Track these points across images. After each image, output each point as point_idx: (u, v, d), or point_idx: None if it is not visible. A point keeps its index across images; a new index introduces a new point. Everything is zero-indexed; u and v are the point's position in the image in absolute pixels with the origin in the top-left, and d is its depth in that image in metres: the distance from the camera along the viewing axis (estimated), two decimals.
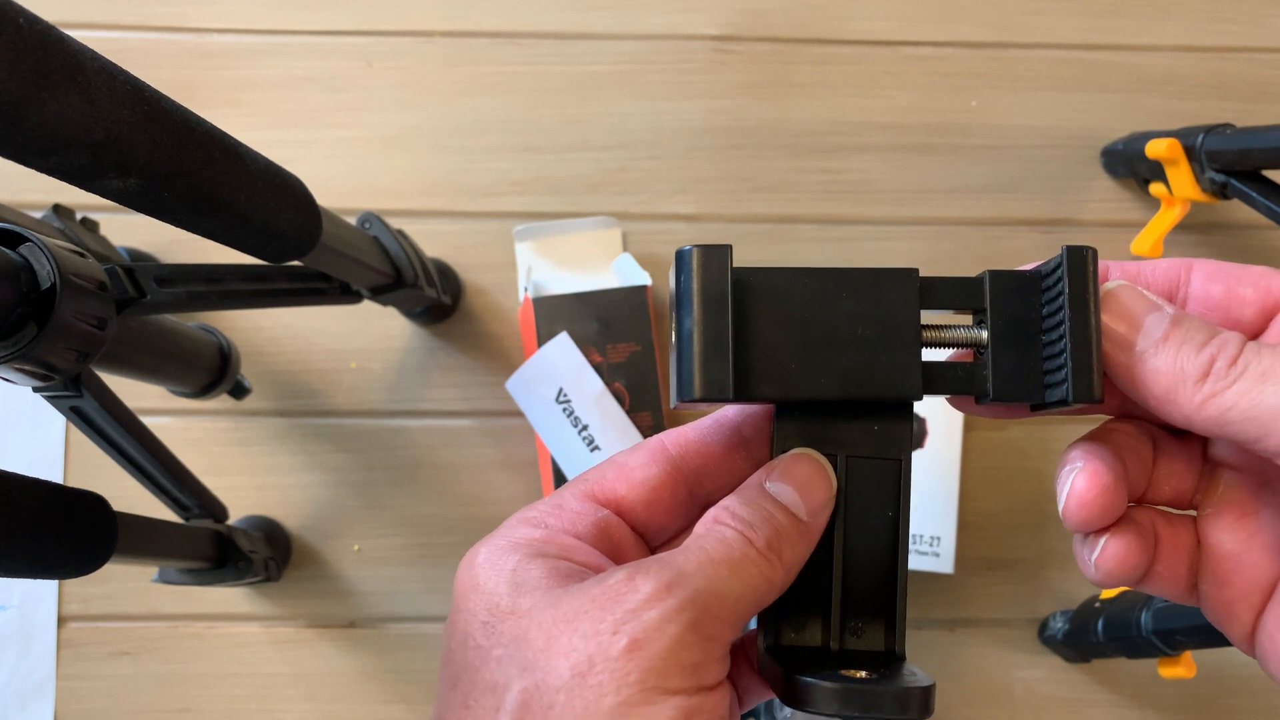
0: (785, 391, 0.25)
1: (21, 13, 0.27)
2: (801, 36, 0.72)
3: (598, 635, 0.21)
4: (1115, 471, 0.25)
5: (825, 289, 0.25)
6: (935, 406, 0.67)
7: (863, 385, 0.25)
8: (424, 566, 0.68)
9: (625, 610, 0.21)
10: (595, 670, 0.21)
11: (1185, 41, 0.73)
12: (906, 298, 0.25)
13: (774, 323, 0.25)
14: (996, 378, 0.25)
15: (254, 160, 0.39)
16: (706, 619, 0.22)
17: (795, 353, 0.25)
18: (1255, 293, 0.25)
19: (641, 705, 0.21)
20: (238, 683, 0.67)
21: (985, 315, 0.25)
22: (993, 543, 0.68)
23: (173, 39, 0.71)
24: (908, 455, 0.26)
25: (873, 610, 0.26)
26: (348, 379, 0.69)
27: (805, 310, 0.25)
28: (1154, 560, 0.26)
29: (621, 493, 0.26)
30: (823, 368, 0.25)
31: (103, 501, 0.44)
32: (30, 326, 0.37)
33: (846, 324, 0.25)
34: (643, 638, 0.21)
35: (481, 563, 0.24)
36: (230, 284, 0.48)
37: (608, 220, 0.69)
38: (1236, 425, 0.23)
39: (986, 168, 0.72)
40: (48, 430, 0.68)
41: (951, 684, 0.67)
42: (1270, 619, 0.25)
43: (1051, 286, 0.25)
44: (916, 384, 0.25)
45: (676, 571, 0.22)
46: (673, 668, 0.21)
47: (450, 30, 0.71)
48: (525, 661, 0.22)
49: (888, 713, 0.23)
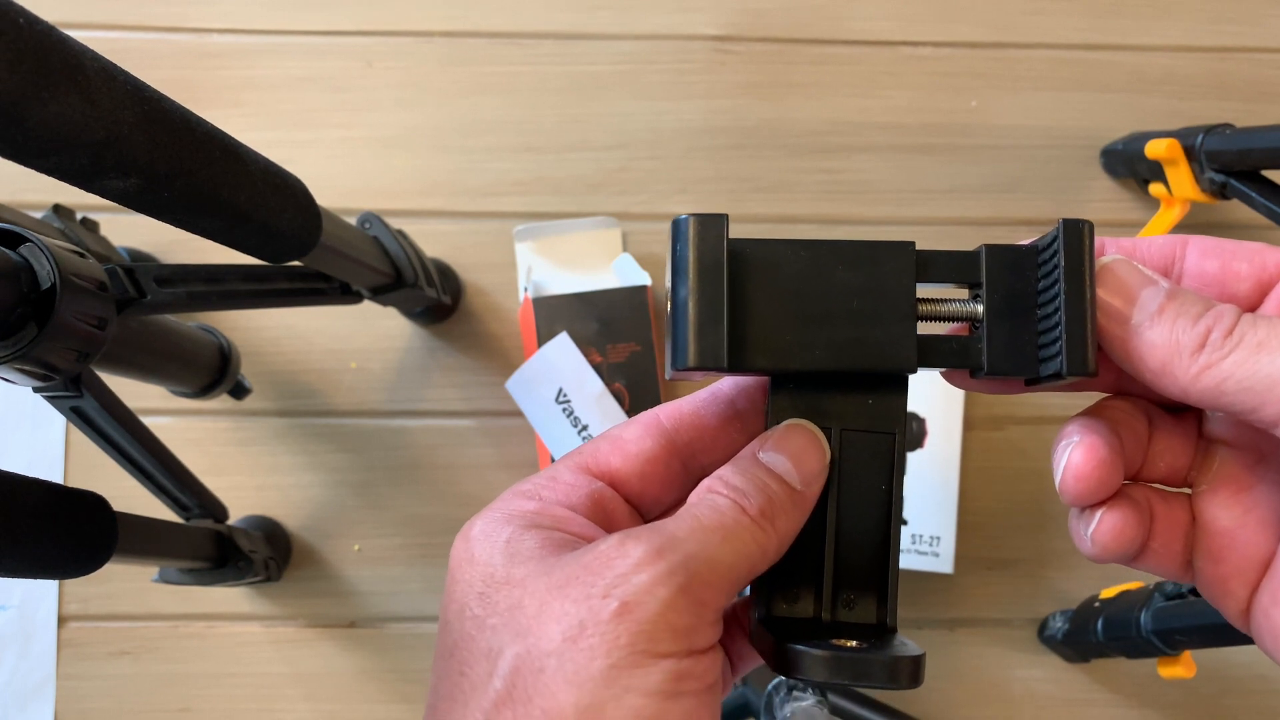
0: (779, 362, 0.25)
1: (21, 13, 0.27)
2: (801, 36, 0.72)
3: (589, 600, 0.21)
4: (1112, 445, 0.25)
5: (821, 260, 0.25)
6: (935, 406, 0.67)
7: (857, 357, 0.25)
8: (424, 566, 0.68)
9: (615, 574, 0.21)
10: (586, 634, 0.21)
11: (1185, 41, 0.73)
12: (903, 270, 0.25)
13: (769, 294, 0.25)
14: (991, 351, 0.25)
15: (254, 160, 0.39)
16: (697, 584, 0.22)
17: (790, 324, 0.25)
18: (1250, 268, 0.25)
19: (631, 668, 0.21)
20: (238, 683, 0.67)
21: (981, 289, 0.25)
22: (992, 542, 0.68)
23: (173, 39, 0.71)
24: (902, 428, 0.26)
25: (865, 583, 0.26)
26: (348, 379, 0.69)
27: (801, 282, 0.25)
28: (1149, 537, 0.26)
29: (615, 465, 0.27)
30: (817, 339, 0.25)
31: (103, 501, 0.44)
32: (30, 327, 0.37)
33: (842, 296, 0.25)
34: (633, 601, 0.21)
35: (476, 535, 0.25)
36: (230, 284, 0.48)
37: (608, 220, 0.69)
38: (1233, 396, 0.23)
39: (986, 168, 0.72)
40: (48, 430, 0.68)
41: (951, 684, 0.67)
42: (1265, 595, 0.25)
43: (1048, 260, 0.25)
44: (911, 356, 0.25)
45: (668, 537, 0.22)
46: (663, 631, 0.21)
47: (450, 30, 0.71)
48: (519, 628, 0.22)
49: (877, 681, 0.23)
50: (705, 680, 0.22)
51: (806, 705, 0.54)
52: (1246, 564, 0.25)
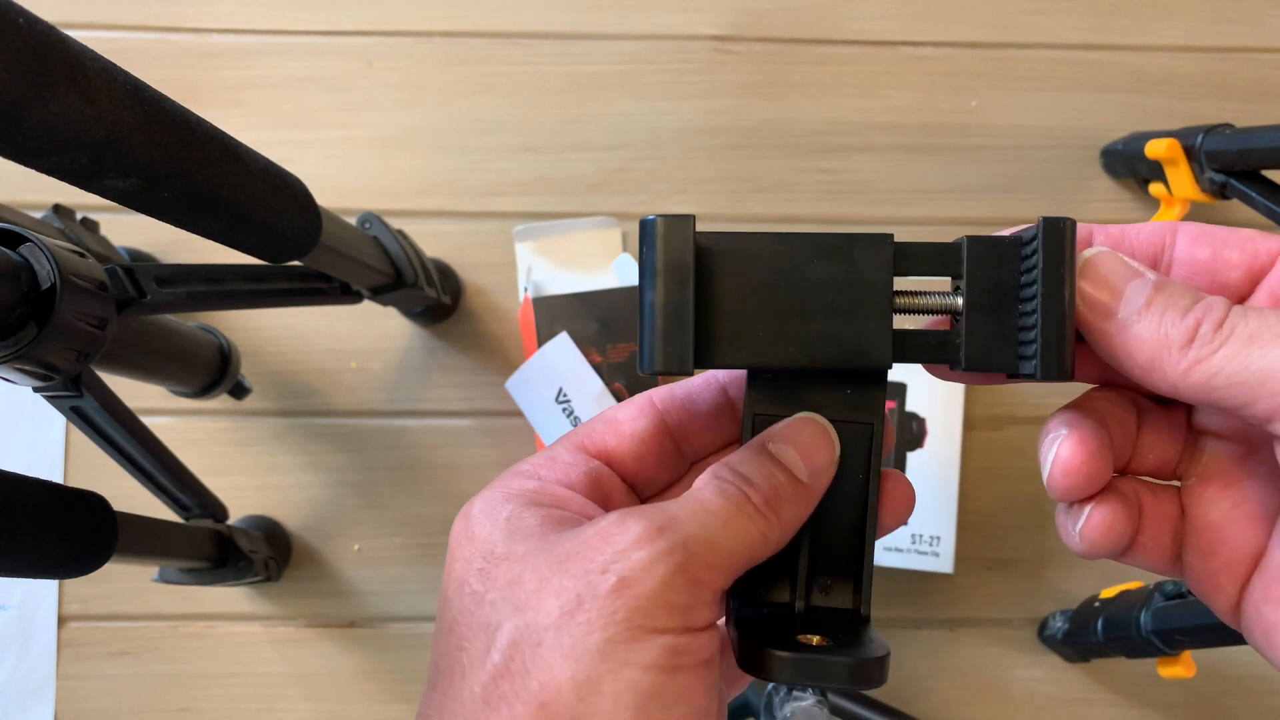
0: (751, 360, 0.25)
1: (21, 13, 0.27)
2: (801, 36, 0.72)
3: (587, 575, 0.21)
4: (1100, 439, 0.25)
5: (796, 254, 0.25)
6: (935, 406, 0.67)
7: (831, 353, 0.25)
8: (424, 566, 0.68)
9: (615, 550, 0.22)
10: (584, 608, 0.21)
11: (1185, 41, 0.73)
12: (880, 263, 0.25)
13: (742, 289, 0.24)
14: (970, 346, 0.25)
15: (254, 160, 0.39)
16: (695, 564, 0.22)
17: (763, 320, 0.25)
18: (1242, 255, 0.25)
19: (628, 643, 0.21)
20: (238, 683, 0.67)
21: (962, 282, 0.25)
22: (992, 542, 0.68)
23: (173, 39, 0.71)
24: (880, 419, 0.26)
25: (842, 570, 0.26)
26: (348, 379, 0.69)
27: (774, 276, 0.25)
28: (1138, 531, 0.26)
29: (611, 445, 0.27)
30: (790, 335, 0.25)
31: (103, 501, 0.44)
32: (30, 326, 0.37)
33: (817, 290, 0.24)
34: (631, 576, 0.21)
35: (476, 513, 0.25)
36: (230, 284, 0.48)
37: (608, 220, 0.69)
38: (1223, 391, 0.22)
39: (986, 168, 0.72)
40: (48, 430, 0.68)
41: (951, 684, 0.67)
42: (1255, 589, 0.25)
43: (1029, 256, 0.24)
44: (886, 352, 0.25)
45: (668, 516, 0.23)
46: (660, 607, 0.21)
47: (450, 30, 0.71)
48: (517, 603, 0.22)
49: (840, 683, 0.23)
50: (701, 655, 0.22)
51: (806, 705, 0.54)
52: (1236, 558, 0.25)
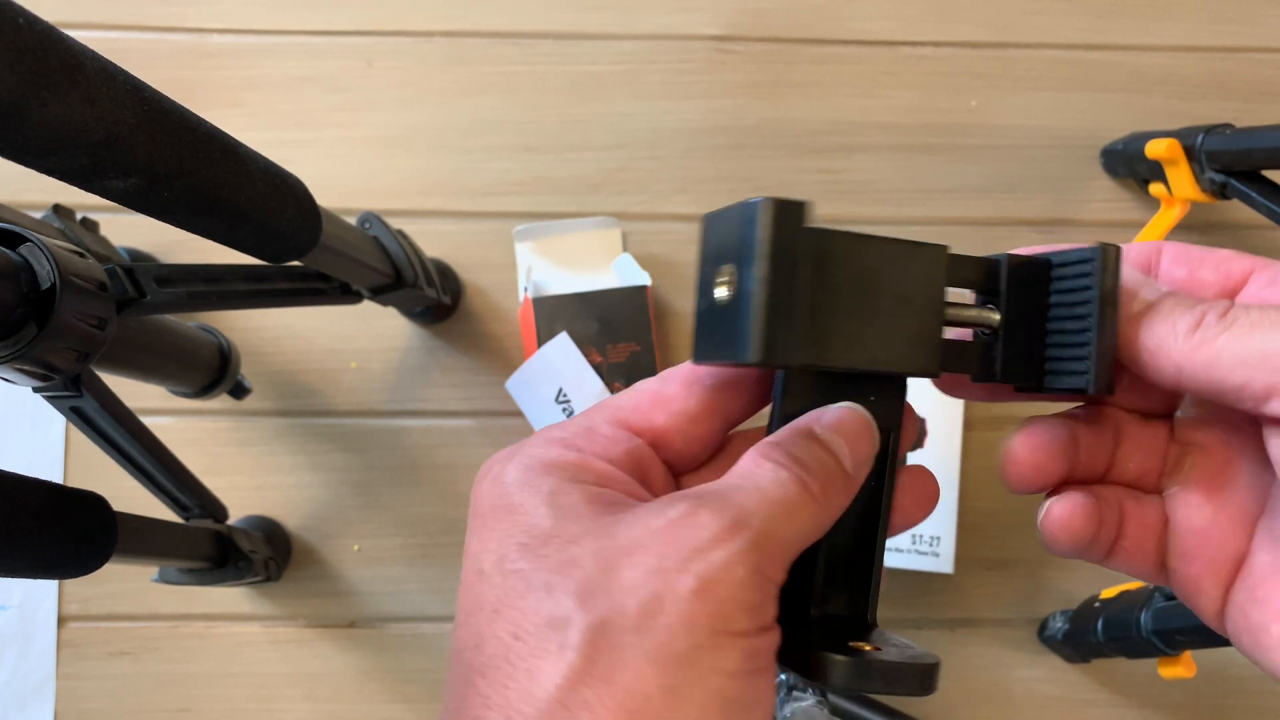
0: (823, 357, 0.24)
1: (21, 13, 0.27)
2: (801, 36, 0.72)
3: (663, 573, 0.21)
4: (1051, 436, 0.26)
5: (869, 256, 0.24)
6: (935, 406, 0.67)
7: (884, 358, 0.25)
8: (424, 566, 0.68)
9: (691, 548, 0.21)
10: (665, 611, 0.20)
11: (1185, 41, 0.73)
12: (934, 273, 0.25)
13: (819, 284, 0.24)
14: (1005, 359, 0.26)
15: (254, 160, 0.39)
16: (766, 561, 0.22)
17: (834, 319, 0.24)
18: (1216, 275, 0.26)
19: (713, 649, 0.20)
20: (238, 683, 0.67)
21: (1000, 297, 0.26)
22: (992, 542, 0.68)
23: (173, 39, 0.71)
24: (898, 429, 0.26)
25: (850, 577, 0.26)
26: (348, 379, 0.69)
27: (847, 276, 0.24)
28: (1120, 536, 0.27)
29: (659, 422, 0.26)
30: (854, 336, 0.24)
31: (103, 501, 0.44)
32: (30, 326, 0.37)
33: (881, 295, 0.24)
34: (712, 579, 0.21)
35: (513, 481, 0.23)
36: (230, 284, 0.48)
37: (608, 220, 0.69)
38: (1225, 370, 0.23)
39: (986, 168, 0.72)
40: (48, 430, 0.68)
41: (951, 684, 0.67)
42: (1240, 592, 0.25)
43: (1072, 277, 0.25)
44: (935, 360, 0.25)
45: (739, 509, 0.22)
46: (740, 610, 0.21)
47: (450, 30, 0.71)
48: (582, 594, 0.21)
49: (907, 689, 0.23)
50: (770, 654, 0.22)
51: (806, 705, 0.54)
52: (1220, 562, 0.26)
